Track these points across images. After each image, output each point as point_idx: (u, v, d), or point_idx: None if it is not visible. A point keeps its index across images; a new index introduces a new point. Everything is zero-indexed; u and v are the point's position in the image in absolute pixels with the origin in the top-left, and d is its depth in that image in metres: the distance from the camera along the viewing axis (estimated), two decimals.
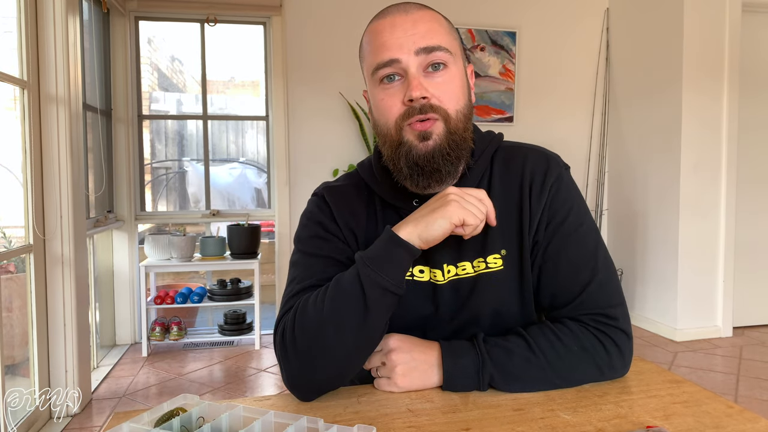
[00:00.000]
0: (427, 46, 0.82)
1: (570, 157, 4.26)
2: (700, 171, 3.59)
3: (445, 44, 0.84)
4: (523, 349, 0.84)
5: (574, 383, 0.86)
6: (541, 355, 0.84)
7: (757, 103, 3.79)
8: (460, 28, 3.99)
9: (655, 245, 3.81)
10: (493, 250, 0.91)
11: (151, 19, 3.79)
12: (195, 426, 0.71)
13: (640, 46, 3.93)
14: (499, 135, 0.98)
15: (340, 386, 0.87)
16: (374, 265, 0.80)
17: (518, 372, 0.83)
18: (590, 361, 0.85)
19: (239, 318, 3.64)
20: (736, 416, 0.78)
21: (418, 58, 0.82)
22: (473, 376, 0.83)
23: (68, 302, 2.48)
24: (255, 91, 4.22)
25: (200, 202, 4.02)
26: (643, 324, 3.90)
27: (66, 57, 2.44)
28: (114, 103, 3.62)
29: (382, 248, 0.81)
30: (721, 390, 2.82)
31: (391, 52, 0.82)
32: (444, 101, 0.84)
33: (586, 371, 0.85)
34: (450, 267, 0.91)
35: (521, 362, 0.84)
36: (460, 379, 0.83)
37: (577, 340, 0.85)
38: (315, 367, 0.81)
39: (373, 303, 0.80)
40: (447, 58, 0.84)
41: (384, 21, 0.85)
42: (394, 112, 0.85)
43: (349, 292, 0.80)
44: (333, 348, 0.81)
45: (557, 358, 0.84)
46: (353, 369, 0.85)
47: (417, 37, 0.82)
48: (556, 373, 0.84)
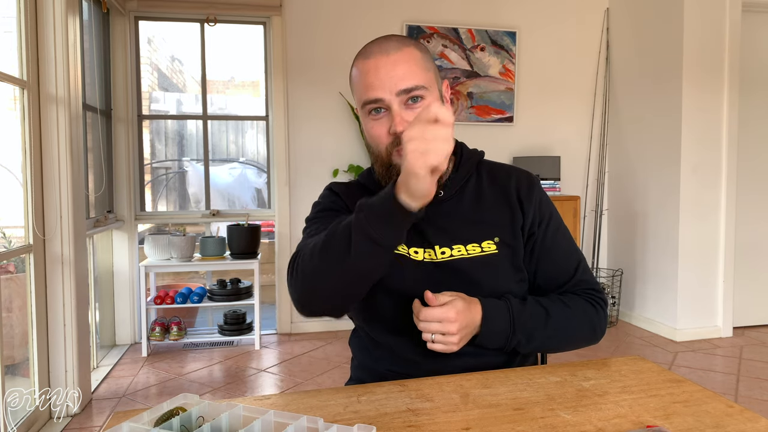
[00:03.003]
0: (406, 88, 0.96)
1: (570, 157, 4.27)
2: (700, 171, 3.59)
3: (421, 82, 0.97)
4: (543, 316, 1.00)
5: (573, 343, 1.05)
6: (555, 319, 1.01)
7: (757, 103, 3.79)
8: (459, 28, 3.99)
9: (655, 245, 3.81)
10: (486, 237, 1.04)
11: (151, 19, 3.79)
12: (195, 425, 0.71)
13: (640, 46, 3.93)
14: (481, 151, 1.15)
15: (339, 314, 0.97)
16: (368, 214, 0.85)
17: (537, 335, 0.99)
18: (588, 323, 1.04)
19: (239, 318, 3.64)
20: (736, 416, 0.78)
21: (398, 97, 0.96)
22: (503, 341, 0.98)
23: (68, 302, 2.48)
24: (255, 91, 4.22)
25: (200, 202, 4.02)
26: (643, 324, 3.90)
27: (66, 57, 2.44)
28: (114, 103, 3.62)
29: (381, 201, 0.85)
30: (721, 390, 2.81)
31: (376, 93, 0.97)
32: None
33: (585, 331, 1.05)
34: (444, 248, 1.03)
35: (541, 327, 0.99)
36: (492, 342, 0.97)
37: (579, 306, 1.05)
38: (311, 290, 0.92)
39: (356, 246, 0.85)
40: (423, 93, 0.98)
41: (368, 62, 0.98)
42: (383, 141, 0.99)
43: (341, 231, 0.88)
44: (322, 275, 0.90)
45: (566, 320, 1.02)
46: (345, 300, 0.95)
47: (396, 79, 0.96)
48: (564, 333, 1.02)
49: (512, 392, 0.87)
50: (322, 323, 3.87)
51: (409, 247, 1.03)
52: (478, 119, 4.05)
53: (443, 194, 1.05)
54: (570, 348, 1.06)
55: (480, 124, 4.04)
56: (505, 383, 0.91)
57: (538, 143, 4.17)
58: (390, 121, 0.97)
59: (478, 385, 0.90)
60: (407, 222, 0.84)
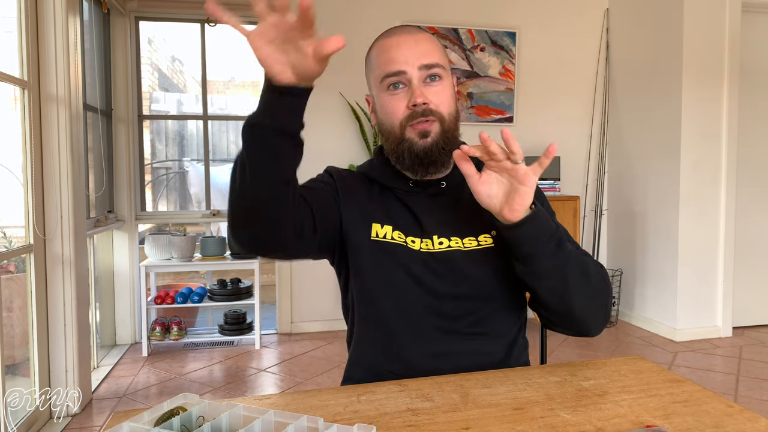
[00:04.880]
0: (428, 63, 1.00)
1: (570, 156, 4.27)
2: (700, 171, 3.59)
3: (441, 62, 1.03)
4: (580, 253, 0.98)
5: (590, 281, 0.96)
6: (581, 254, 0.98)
7: (756, 102, 3.79)
8: (459, 28, 3.99)
9: (655, 245, 3.81)
10: (483, 230, 1.05)
11: (152, 19, 3.79)
12: (195, 425, 0.71)
13: (640, 46, 3.93)
14: None
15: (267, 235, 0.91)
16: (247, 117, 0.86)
17: (568, 245, 0.95)
18: (601, 274, 0.99)
19: (239, 318, 3.64)
20: (735, 416, 0.78)
21: (420, 71, 1.00)
22: (552, 225, 0.94)
23: (68, 302, 2.48)
24: (255, 91, 4.22)
25: (201, 202, 4.02)
26: (643, 324, 3.90)
27: (66, 57, 2.44)
28: (114, 103, 3.62)
29: None
30: (721, 390, 2.82)
31: (398, 65, 1.00)
32: (440, 106, 1.02)
33: (600, 278, 0.98)
34: (443, 239, 1.04)
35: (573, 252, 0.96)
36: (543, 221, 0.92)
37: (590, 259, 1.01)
38: (232, 211, 0.90)
39: (243, 137, 0.85)
40: (442, 73, 1.03)
41: (392, 39, 1.03)
42: (399, 115, 1.01)
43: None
44: (234, 190, 0.88)
45: (583, 256, 0.98)
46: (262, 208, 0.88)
47: (419, 54, 1.00)
48: (583, 263, 0.96)
49: (512, 392, 0.87)
50: (322, 323, 3.87)
51: (407, 236, 1.04)
52: (478, 119, 4.05)
53: (445, 186, 1.07)
54: (587, 293, 0.96)
55: (480, 124, 4.04)
56: (504, 383, 0.91)
57: (538, 143, 4.17)
58: (408, 96, 1.00)
59: (477, 385, 0.90)
60: (283, 99, 0.82)
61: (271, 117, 0.84)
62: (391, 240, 1.04)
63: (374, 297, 1.04)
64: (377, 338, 1.06)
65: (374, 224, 1.05)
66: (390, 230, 1.05)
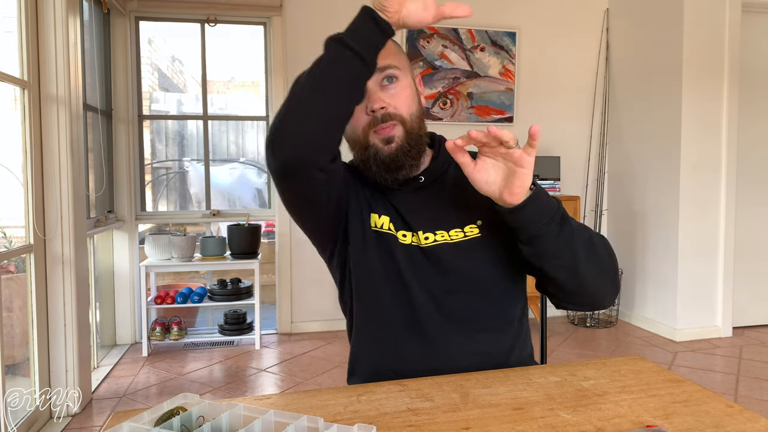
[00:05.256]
0: (381, 66, 0.98)
1: (570, 156, 4.27)
2: (700, 171, 3.59)
3: (395, 63, 1.02)
4: (582, 227, 0.97)
5: (595, 252, 0.96)
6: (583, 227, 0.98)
7: (756, 103, 3.79)
8: (459, 28, 3.99)
9: (655, 245, 3.81)
10: (468, 221, 1.05)
11: (152, 19, 3.79)
12: (195, 425, 0.71)
13: (640, 46, 3.93)
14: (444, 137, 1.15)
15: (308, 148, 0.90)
16: (339, 34, 0.93)
17: (571, 221, 0.94)
18: (605, 246, 0.99)
19: (239, 318, 3.64)
20: (735, 416, 0.78)
21: (375, 75, 0.98)
22: (555, 203, 0.93)
23: (68, 302, 2.48)
24: (255, 91, 4.22)
25: (201, 202, 4.02)
26: (643, 324, 3.90)
27: (66, 57, 2.44)
28: (114, 103, 3.62)
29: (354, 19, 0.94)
30: (721, 390, 2.82)
31: None
32: (399, 108, 1.01)
33: (604, 250, 0.97)
34: (428, 234, 1.04)
35: (577, 226, 0.95)
36: (545, 200, 0.91)
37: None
38: (289, 123, 0.90)
39: (327, 53, 0.92)
40: (398, 74, 1.02)
41: None
42: (360, 123, 1.01)
43: (315, 61, 0.93)
44: (297, 101, 0.90)
45: (601, 245, 0.98)
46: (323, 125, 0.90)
47: None
48: (586, 235, 0.95)
49: (512, 392, 0.87)
50: (322, 323, 3.87)
51: (397, 231, 1.05)
52: (478, 119, 4.05)
53: (424, 180, 1.07)
54: (595, 264, 0.96)
55: (480, 124, 4.04)
56: (504, 383, 0.91)
57: (538, 143, 4.17)
58: (366, 103, 1.00)
59: (477, 385, 0.90)
60: (378, 33, 0.91)
61: (363, 42, 0.90)
62: (387, 231, 1.05)
63: (373, 291, 1.05)
64: (376, 334, 1.07)
65: (373, 214, 1.06)
66: (387, 221, 1.06)
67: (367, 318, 1.07)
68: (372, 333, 1.07)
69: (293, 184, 0.95)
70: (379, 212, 1.06)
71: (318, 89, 0.90)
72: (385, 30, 0.91)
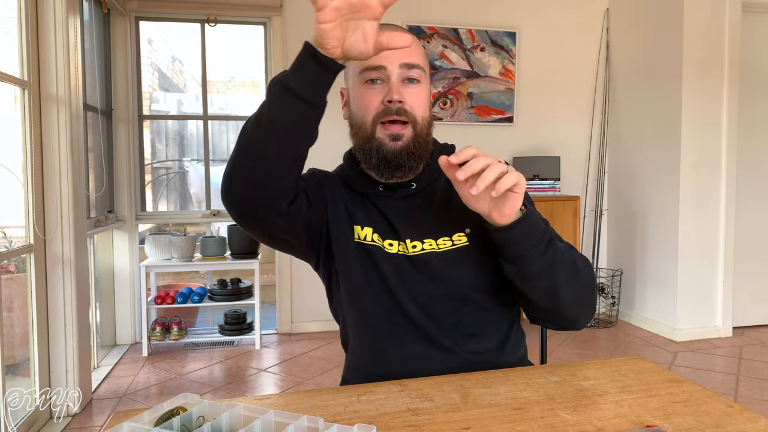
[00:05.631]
0: (409, 62, 0.99)
1: (570, 157, 4.27)
2: (700, 171, 3.59)
3: (422, 65, 1.02)
4: (567, 248, 0.98)
5: (575, 269, 0.96)
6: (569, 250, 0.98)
7: (756, 102, 3.79)
8: (459, 28, 3.99)
9: (655, 245, 3.81)
10: (457, 230, 1.04)
11: (152, 19, 3.79)
12: (195, 425, 0.71)
13: (640, 46, 3.93)
14: (452, 145, 1.15)
15: (262, 199, 0.91)
16: (284, 72, 0.88)
17: (555, 239, 0.95)
18: (594, 277, 1.01)
19: (239, 318, 3.64)
20: (735, 416, 0.78)
21: (400, 70, 0.99)
22: (543, 225, 0.93)
23: (68, 302, 2.48)
24: (255, 91, 4.22)
25: (201, 202, 4.02)
26: (643, 324, 3.90)
27: (66, 57, 2.44)
28: (114, 103, 3.62)
29: (298, 56, 0.87)
30: (721, 390, 2.82)
31: (380, 60, 0.97)
32: (414, 108, 1.00)
33: (584, 266, 0.98)
34: (416, 242, 1.03)
35: (562, 249, 0.95)
36: (533, 223, 0.91)
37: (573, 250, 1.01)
38: (236, 170, 0.89)
39: (271, 97, 0.87)
40: (421, 76, 1.01)
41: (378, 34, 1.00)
42: (372, 109, 1.00)
43: (261, 103, 0.90)
44: (244, 147, 0.88)
45: (566, 249, 0.97)
46: (272, 173, 0.89)
47: (402, 53, 0.98)
48: (567, 255, 0.95)
49: (512, 392, 0.87)
50: (322, 323, 3.87)
51: (383, 240, 1.04)
52: (478, 119, 4.05)
53: (415, 187, 1.06)
54: (575, 289, 0.96)
55: (480, 124, 4.04)
56: (505, 383, 0.91)
57: (538, 143, 4.17)
58: (384, 92, 0.99)
59: (478, 385, 0.90)
60: (322, 72, 0.85)
61: (307, 85, 0.86)
62: (371, 242, 1.04)
63: (361, 302, 1.04)
64: (367, 346, 1.06)
65: (356, 226, 1.05)
66: (370, 232, 1.04)
67: (356, 327, 1.07)
68: (362, 342, 1.07)
69: (254, 229, 0.97)
70: (362, 224, 1.05)
71: (266, 138, 0.87)
72: (329, 67, 0.85)
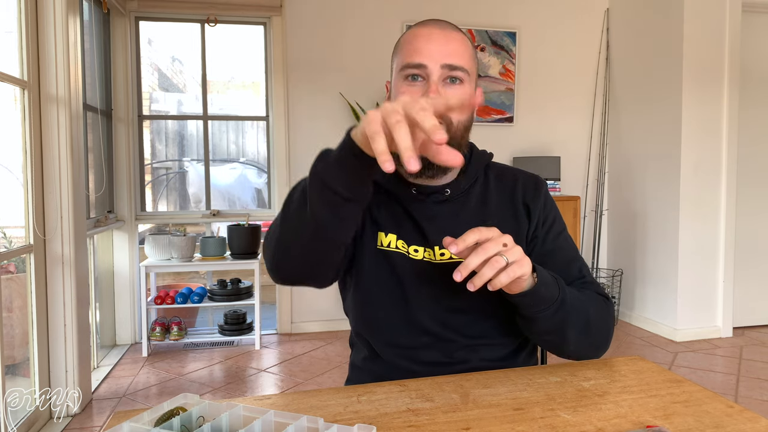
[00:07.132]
0: (452, 64, 0.96)
1: (570, 157, 4.27)
2: (700, 171, 3.59)
3: (466, 66, 0.98)
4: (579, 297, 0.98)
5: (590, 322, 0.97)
6: (575, 294, 0.97)
7: (757, 103, 3.79)
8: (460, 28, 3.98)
9: (655, 245, 3.81)
10: None
11: (152, 19, 3.79)
12: (195, 425, 0.71)
13: (640, 46, 3.93)
14: (490, 153, 1.13)
15: (316, 282, 0.95)
16: (324, 163, 0.82)
17: (570, 296, 0.94)
18: (604, 308, 1.01)
19: (239, 318, 3.64)
20: (736, 416, 0.78)
21: (442, 70, 0.96)
22: (556, 289, 0.91)
23: (68, 302, 2.48)
24: (255, 91, 4.22)
25: (201, 202, 4.02)
26: (643, 324, 3.90)
27: (66, 57, 2.44)
28: (114, 104, 3.62)
29: (338, 148, 0.81)
30: (721, 390, 2.81)
31: (422, 58, 0.96)
32: None
33: (601, 314, 0.99)
34: (444, 250, 1.01)
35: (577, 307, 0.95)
36: (547, 286, 0.90)
37: (591, 295, 1.01)
38: (277, 254, 0.91)
39: (311, 196, 0.83)
40: (464, 77, 0.98)
41: (424, 30, 0.99)
42: None
43: (300, 188, 0.89)
44: (285, 236, 0.89)
45: (581, 301, 0.97)
46: (314, 264, 0.91)
47: (446, 53, 0.96)
48: (582, 306, 0.96)
49: (512, 392, 0.87)
50: (322, 323, 3.87)
51: (409, 245, 1.02)
52: (478, 119, 4.05)
53: (449, 193, 1.04)
54: (585, 341, 0.97)
55: (480, 124, 4.04)
56: (505, 383, 0.91)
57: (538, 143, 4.17)
58: (423, 90, 0.96)
59: (478, 385, 0.90)
60: (365, 170, 0.77)
61: (355, 188, 0.80)
62: (395, 249, 1.03)
63: (373, 307, 1.04)
64: (379, 349, 1.06)
65: (380, 233, 1.04)
66: (394, 239, 1.03)
67: (369, 330, 1.07)
68: (373, 347, 1.07)
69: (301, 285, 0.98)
70: (386, 230, 1.04)
71: (317, 234, 0.85)
72: (372, 166, 0.75)
